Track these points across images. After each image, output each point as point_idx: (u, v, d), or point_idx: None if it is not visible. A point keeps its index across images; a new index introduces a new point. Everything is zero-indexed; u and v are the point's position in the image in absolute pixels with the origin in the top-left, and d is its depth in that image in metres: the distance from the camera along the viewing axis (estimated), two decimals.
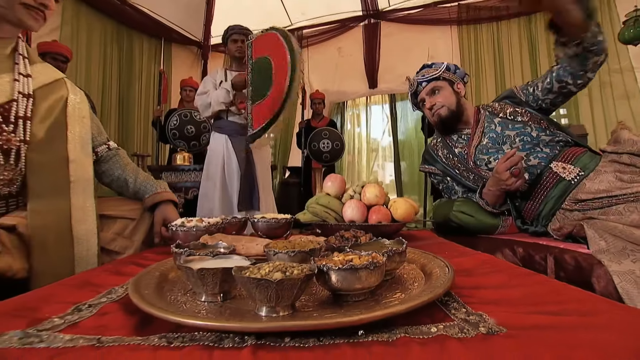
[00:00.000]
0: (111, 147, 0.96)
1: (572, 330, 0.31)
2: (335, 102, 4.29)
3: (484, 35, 3.97)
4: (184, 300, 0.43)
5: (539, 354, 0.27)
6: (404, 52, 4.04)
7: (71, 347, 0.31)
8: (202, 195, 1.79)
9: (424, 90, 1.24)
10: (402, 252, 0.50)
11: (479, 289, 0.46)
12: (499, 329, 0.32)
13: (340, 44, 4.25)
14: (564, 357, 0.27)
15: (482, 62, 3.91)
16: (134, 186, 0.94)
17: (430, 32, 4.03)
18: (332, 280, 0.40)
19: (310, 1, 4.08)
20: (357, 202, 0.85)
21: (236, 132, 1.73)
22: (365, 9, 4.04)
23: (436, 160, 1.26)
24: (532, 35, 3.90)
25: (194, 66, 4.70)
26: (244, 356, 0.28)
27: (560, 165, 1.01)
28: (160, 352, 0.29)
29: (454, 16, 3.99)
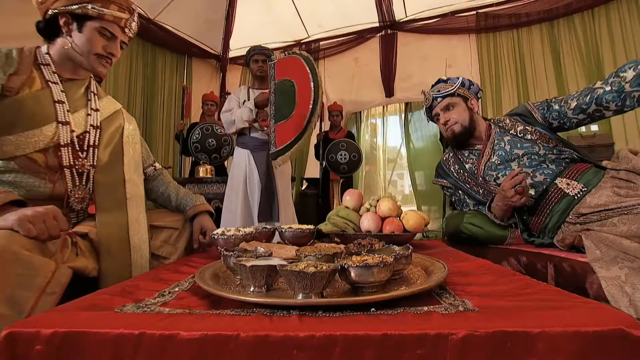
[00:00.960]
0: (157, 168, 1.15)
1: (527, 310, 0.45)
2: (351, 112, 4.46)
3: (504, 43, 4.06)
4: (238, 291, 0.59)
5: (493, 320, 0.42)
6: (420, 60, 4.19)
7: (173, 313, 0.47)
8: (226, 206, 1.98)
9: (438, 105, 1.37)
10: (408, 255, 0.65)
11: (470, 285, 0.60)
12: (473, 308, 0.47)
13: (356, 54, 4.45)
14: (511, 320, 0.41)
15: (502, 70, 4.00)
16: (176, 200, 1.12)
17: (447, 41, 4.16)
18: (351, 275, 0.55)
19: (326, 14, 4.30)
20: (373, 214, 1.00)
21: (258, 147, 1.92)
22: (382, 20, 4.22)
23: (448, 174, 1.39)
24: (555, 40, 3.93)
25: (213, 79, 5.00)
26: (293, 320, 0.44)
27: (565, 182, 1.12)
28: (235, 318, 0.45)
29: (472, 25, 4.11)
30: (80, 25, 0.89)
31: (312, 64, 1.61)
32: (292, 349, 0.39)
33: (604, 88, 1.06)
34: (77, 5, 0.86)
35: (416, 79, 4.17)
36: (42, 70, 0.88)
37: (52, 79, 0.89)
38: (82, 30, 0.89)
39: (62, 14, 0.88)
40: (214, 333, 0.40)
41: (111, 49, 0.93)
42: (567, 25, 3.91)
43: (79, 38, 0.89)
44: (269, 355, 0.39)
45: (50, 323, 0.42)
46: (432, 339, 0.39)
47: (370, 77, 4.32)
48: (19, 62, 0.86)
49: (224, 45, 4.82)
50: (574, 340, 0.39)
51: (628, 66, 1.01)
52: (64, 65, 0.92)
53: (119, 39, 0.94)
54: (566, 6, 3.91)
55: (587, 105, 1.10)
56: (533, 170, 1.17)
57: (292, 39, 4.63)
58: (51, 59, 0.91)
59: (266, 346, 0.39)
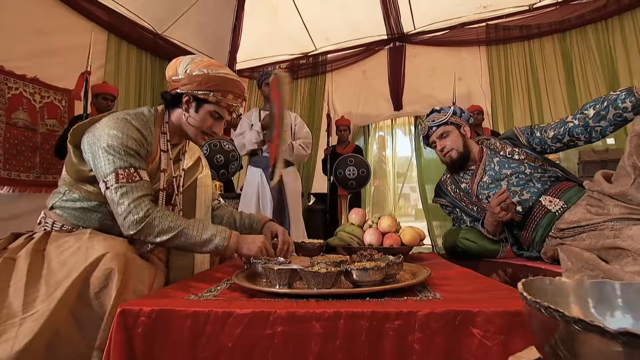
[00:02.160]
0: (221, 202, 1.42)
1: (475, 298, 0.69)
2: (359, 125, 4.73)
3: (515, 55, 4.30)
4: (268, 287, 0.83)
5: (450, 304, 0.66)
6: (429, 73, 4.46)
7: (226, 299, 0.72)
8: None
9: (434, 133, 1.63)
10: (399, 263, 0.89)
11: (445, 285, 0.84)
12: (439, 297, 0.71)
13: (364, 67, 4.75)
14: (462, 304, 0.65)
15: (513, 83, 4.23)
16: (240, 222, 1.36)
17: (457, 53, 4.44)
18: (353, 276, 0.80)
19: (334, 26, 4.63)
20: (375, 230, 1.25)
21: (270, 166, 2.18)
22: (390, 32, 4.53)
23: (446, 194, 1.64)
24: (568, 51, 4.14)
25: None
26: (311, 303, 0.68)
27: (548, 199, 1.36)
28: (271, 302, 0.70)
29: (482, 37, 4.38)
30: (199, 106, 1.13)
31: (280, 82, 1.82)
32: (311, 320, 0.64)
33: (574, 122, 1.31)
34: (202, 92, 1.10)
35: (425, 91, 4.44)
36: (161, 138, 1.14)
37: (164, 148, 1.15)
38: (199, 111, 1.13)
39: (186, 94, 1.12)
40: (259, 310, 0.65)
41: (215, 128, 1.17)
42: (580, 37, 4.11)
43: (194, 116, 1.13)
44: (295, 323, 0.64)
45: (147, 304, 0.68)
46: (406, 315, 0.64)
47: (378, 90, 4.60)
48: (154, 134, 1.11)
49: (230, 58, 5.17)
50: (502, 316, 0.63)
51: (589, 105, 1.27)
52: (174, 133, 1.18)
53: (224, 120, 1.19)
54: (578, 17, 4.13)
55: (562, 136, 1.35)
56: (521, 188, 1.41)
57: (299, 52, 4.96)
58: (168, 127, 1.16)
59: (294, 318, 0.64)
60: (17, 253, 0.96)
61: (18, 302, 0.84)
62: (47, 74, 3.21)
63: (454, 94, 3.85)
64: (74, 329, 0.84)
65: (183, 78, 1.11)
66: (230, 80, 1.14)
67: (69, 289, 0.83)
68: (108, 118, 1.06)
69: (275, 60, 5.07)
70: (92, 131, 1.04)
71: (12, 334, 0.79)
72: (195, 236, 1.01)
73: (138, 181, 1.00)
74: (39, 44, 3.17)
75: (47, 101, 3.26)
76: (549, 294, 0.46)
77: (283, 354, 0.63)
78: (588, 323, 0.34)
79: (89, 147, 1.03)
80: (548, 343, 0.40)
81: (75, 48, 3.40)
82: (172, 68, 1.15)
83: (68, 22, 3.42)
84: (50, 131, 3.24)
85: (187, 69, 1.11)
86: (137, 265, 0.91)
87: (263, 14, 4.68)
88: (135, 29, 4.10)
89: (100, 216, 1.10)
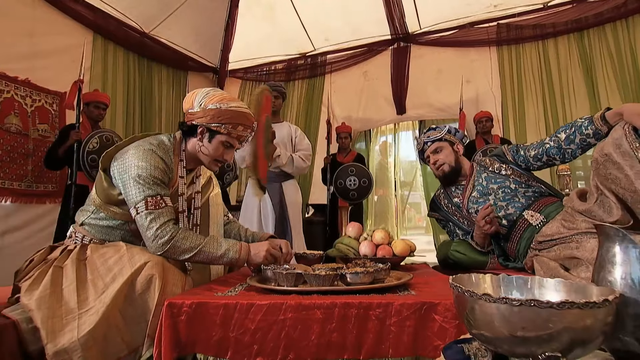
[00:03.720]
0: (230, 217, 1.78)
1: (441, 293, 1.04)
2: (360, 130, 5.09)
3: (528, 56, 4.65)
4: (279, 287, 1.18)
5: (420, 298, 1.01)
6: (435, 75, 4.83)
7: (248, 295, 1.07)
8: None
9: (429, 149, 1.98)
10: (387, 270, 1.24)
11: (424, 286, 1.19)
12: (413, 293, 1.06)
13: (365, 68, 5.13)
14: (428, 297, 1.00)
15: (525, 86, 4.56)
16: (245, 239, 1.72)
17: (465, 54, 4.81)
18: (347, 278, 1.15)
19: (334, 26, 5.01)
20: (369, 242, 1.60)
21: (271, 179, 2.54)
22: (394, 32, 4.91)
23: (440, 208, 1.99)
24: (585, 51, 4.42)
25: None
26: (314, 297, 1.03)
27: (530, 214, 1.71)
28: (283, 297, 1.05)
29: (493, 36, 4.75)
30: (212, 136, 1.46)
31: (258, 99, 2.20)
32: (313, 309, 0.99)
33: (550, 144, 1.67)
34: (215, 124, 1.44)
35: (430, 95, 4.80)
36: (179, 164, 1.49)
37: (181, 174, 1.50)
38: (212, 141, 1.46)
39: (201, 126, 1.47)
40: (274, 302, 1.00)
41: (227, 156, 1.52)
42: (598, 36, 4.41)
43: (208, 145, 1.47)
44: (302, 311, 0.99)
45: (187, 298, 1.03)
46: (384, 305, 0.99)
47: (380, 93, 4.96)
48: (173, 162, 1.45)
49: (222, 58, 5.55)
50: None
51: (561, 129, 1.63)
52: (190, 159, 1.53)
53: (235, 148, 1.55)
54: (596, 15, 4.46)
55: (541, 156, 1.71)
56: (506, 203, 1.77)
57: (297, 52, 5.35)
58: (185, 155, 1.51)
59: (301, 307, 0.99)
60: (63, 262, 1.31)
61: (73, 301, 1.19)
62: (36, 77, 3.57)
63: (461, 99, 4.19)
64: (122, 323, 1.18)
65: (198, 111, 1.46)
66: (241, 113, 1.49)
67: (118, 290, 1.18)
68: (135, 149, 1.40)
69: (271, 60, 5.46)
70: (121, 160, 1.39)
71: (74, 325, 1.14)
72: (212, 252, 1.35)
73: (164, 207, 1.35)
74: (27, 46, 3.53)
75: (39, 105, 3.61)
76: (471, 285, 0.81)
77: (292, 334, 0.98)
78: (479, 294, 0.69)
79: (119, 175, 1.37)
80: (464, 315, 0.75)
81: (62, 50, 3.79)
82: (188, 102, 1.50)
83: (54, 23, 3.80)
84: (42, 137, 3.58)
85: (201, 102, 1.47)
86: (172, 271, 1.27)
87: (259, 13, 5.07)
88: (121, 28, 4.47)
89: (122, 233, 1.45)
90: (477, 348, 0.80)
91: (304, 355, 0.97)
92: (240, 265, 1.46)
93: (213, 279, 1.52)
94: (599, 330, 0.63)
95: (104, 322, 1.15)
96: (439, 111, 4.77)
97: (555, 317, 0.61)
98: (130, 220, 1.40)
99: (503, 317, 0.64)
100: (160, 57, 4.98)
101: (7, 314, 1.16)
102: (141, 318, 1.20)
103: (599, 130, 1.49)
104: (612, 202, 1.37)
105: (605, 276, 0.76)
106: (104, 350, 1.16)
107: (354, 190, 3.90)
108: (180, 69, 5.27)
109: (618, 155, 1.33)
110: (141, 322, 1.20)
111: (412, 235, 6.35)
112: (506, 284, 0.83)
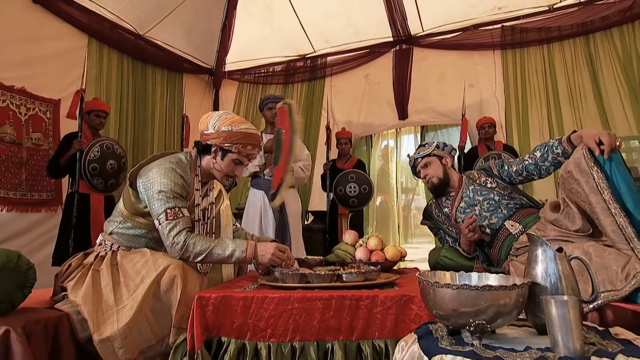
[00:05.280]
0: (237, 226, 2.18)
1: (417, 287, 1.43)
2: (360, 135, 5.48)
3: (532, 60, 5.02)
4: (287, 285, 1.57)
5: (401, 292, 1.40)
6: (438, 79, 5.20)
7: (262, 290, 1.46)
8: None
9: (419, 164, 2.37)
10: (377, 271, 1.63)
11: (407, 285, 1.58)
12: (396, 289, 1.45)
13: (367, 71, 5.51)
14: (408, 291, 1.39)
15: (530, 90, 4.91)
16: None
17: (469, 57, 5.19)
18: (342, 278, 1.54)
19: (334, 28, 5.40)
20: (364, 248, 1.99)
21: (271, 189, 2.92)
22: (396, 34, 5.30)
23: (432, 217, 2.38)
24: (591, 56, 4.77)
25: (205, 95, 6.10)
26: (315, 291, 1.42)
27: (511, 223, 2.10)
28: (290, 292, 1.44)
29: (497, 39, 5.12)
30: (224, 155, 1.86)
31: (291, 111, 2.61)
32: (315, 300, 1.38)
33: (528, 161, 2.06)
34: (227, 144, 1.84)
35: (433, 99, 5.18)
36: (195, 179, 1.89)
37: (197, 187, 1.90)
38: (224, 159, 1.86)
39: (214, 146, 1.87)
40: (283, 295, 1.39)
41: (237, 172, 1.92)
42: (604, 40, 4.77)
43: (220, 163, 1.87)
44: (306, 302, 1.38)
45: (213, 293, 1.42)
46: (372, 297, 1.38)
47: (382, 97, 5.34)
48: (190, 177, 1.85)
49: (218, 59, 5.94)
50: None
51: (537, 148, 2.02)
52: (204, 174, 1.93)
53: (244, 164, 1.94)
54: (603, 19, 4.83)
55: (521, 171, 2.11)
56: (490, 214, 2.15)
57: (296, 54, 5.74)
58: (200, 171, 1.91)
59: (305, 299, 1.38)
60: (99, 266, 1.70)
61: (111, 299, 1.58)
62: (31, 84, 3.91)
63: (463, 105, 4.56)
64: (151, 317, 1.57)
65: (212, 133, 1.85)
66: (250, 134, 1.88)
67: (147, 289, 1.57)
68: (158, 168, 1.79)
69: (269, 62, 5.85)
70: (146, 177, 1.78)
71: (114, 319, 1.52)
72: (221, 253, 1.74)
73: (182, 217, 1.74)
74: (23, 53, 3.88)
75: (32, 113, 3.95)
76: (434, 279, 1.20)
77: (298, 320, 1.37)
78: (431, 281, 1.07)
79: (144, 190, 1.76)
80: (426, 299, 1.13)
81: (57, 55, 4.16)
82: (204, 123, 1.90)
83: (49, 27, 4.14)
84: (35, 145, 3.95)
85: (215, 125, 1.86)
86: (191, 272, 1.66)
87: (257, 14, 5.46)
88: (116, 30, 4.84)
89: (146, 241, 1.84)
90: (438, 326, 1.19)
91: (308, 336, 1.36)
92: (248, 262, 1.82)
93: (225, 279, 1.91)
94: (513, 306, 1.02)
95: (137, 317, 1.54)
96: (441, 116, 5.15)
97: (481, 297, 0.99)
98: (153, 229, 1.79)
99: (448, 298, 1.03)
100: (155, 59, 5.34)
101: (60, 308, 1.55)
102: (166, 312, 1.59)
103: (566, 150, 1.89)
104: (575, 213, 1.76)
105: (530, 271, 1.16)
106: (137, 339, 1.55)
107: (354, 197, 4.28)
108: (175, 70, 5.63)
109: (577, 173, 1.72)
110: (166, 315, 1.59)
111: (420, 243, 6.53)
112: (464, 279, 1.21)
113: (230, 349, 1.37)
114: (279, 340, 1.37)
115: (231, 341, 1.38)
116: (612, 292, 1.41)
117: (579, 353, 0.91)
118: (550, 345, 0.96)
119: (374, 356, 1.36)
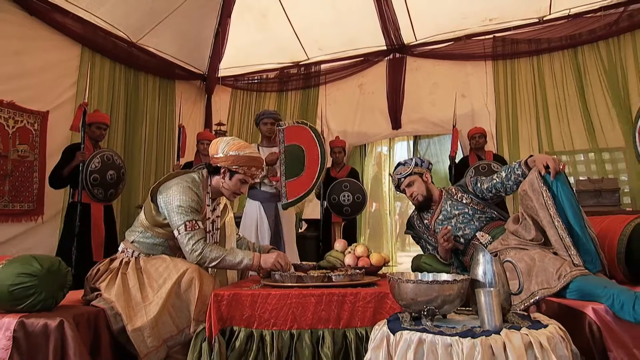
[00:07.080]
0: (240, 236, 2.66)
1: None
2: (355, 144, 5.98)
3: (522, 71, 5.53)
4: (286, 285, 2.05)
5: (380, 289, 1.90)
6: (431, 89, 5.72)
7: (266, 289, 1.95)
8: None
9: (402, 184, 2.86)
10: (361, 274, 2.13)
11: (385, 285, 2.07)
12: (376, 287, 1.94)
13: (361, 80, 6.02)
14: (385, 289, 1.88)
15: (520, 101, 5.41)
16: (253, 249, 2.60)
17: (461, 67, 5.71)
18: (332, 279, 2.03)
19: (328, 36, 5.90)
20: (352, 255, 2.48)
21: (267, 199, 3.41)
22: (389, 43, 5.81)
23: (414, 227, 2.88)
24: (579, 68, 5.25)
25: (197, 101, 6.56)
26: (310, 290, 1.91)
27: (481, 234, 2.59)
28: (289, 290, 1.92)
29: (489, 50, 5.64)
30: (232, 175, 2.34)
31: (318, 134, 3.14)
32: (310, 296, 1.87)
33: (496, 179, 2.56)
34: (235, 166, 2.32)
35: (426, 109, 5.69)
36: (206, 196, 2.36)
37: (208, 203, 2.38)
38: (232, 179, 2.35)
39: (223, 168, 2.34)
40: (283, 292, 1.88)
41: (242, 190, 2.41)
42: (592, 52, 5.26)
43: (229, 182, 2.35)
44: (301, 298, 1.87)
45: (227, 291, 1.90)
46: (355, 293, 1.87)
47: (376, 106, 5.84)
48: (202, 195, 2.34)
49: (210, 65, 6.41)
50: None
51: (503, 169, 2.53)
52: (214, 192, 2.41)
53: (249, 184, 2.43)
54: (590, 32, 5.33)
55: (491, 188, 2.61)
56: (464, 226, 2.65)
57: (290, 61, 6.24)
58: (210, 189, 2.39)
59: (302, 295, 1.87)
60: (125, 270, 2.18)
61: (139, 297, 2.05)
62: (20, 96, 4.26)
63: (454, 115, 5.04)
64: (173, 312, 2.05)
65: (221, 157, 2.34)
66: (254, 158, 2.37)
67: (169, 289, 2.04)
68: (177, 186, 2.27)
69: (263, 68, 6.34)
70: (166, 194, 2.26)
71: (143, 313, 2.00)
72: (232, 260, 2.22)
73: (198, 229, 2.22)
74: (13, 65, 4.23)
75: (20, 125, 4.31)
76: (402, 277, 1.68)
77: (296, 312, 1.85)
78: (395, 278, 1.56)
79: (164, 204, 2.24)
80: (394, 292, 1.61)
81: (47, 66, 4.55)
82: (214, 148, 2.38)
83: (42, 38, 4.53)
84: (21, 157, 4.29)
85: (224, 150, 2.34)
86: (206, 276, 2.14)
87: (250, 19, 5.94)
88: (109, 39, 5.28)
89: (163, 249, 2.32)
90: (404, 315, 1.67)
91: (304, 325, 1.85)
92: (253, 269, 2.31)
93: (230, 281, 2.40)
94: (456, 295, 1.51)
95: (162, 311, 2.01)
96: (434, 126, 5.66)
97: (432, 289, 1.48)
98: (170, 238, 2.27)
99: (409, 290, 1.52)
100: (147, 67, 5.79)
101: (96, 304, 2.03)
102: (185, 308, 2.07)
103: (524, 171, 2.39)
104: (530, 225, 2.27)
105: (473, 271, 1.65)
106: (162, 329, 2.02)
107: (347, 206, 4.75)
108: (167, 77, 6.08)
109: (531, 191, 2.23)
110: (185, 311, 2.07)
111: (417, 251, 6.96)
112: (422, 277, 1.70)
113: (240, 335, 1.85)
114: (280, 328, 1.85)
115: (241, 329, 1.87)
116: (547, 289, 1.90)
117: (498, 328, 1.40)
118: (480, 324, 1.45)
119: (356, 341, 1.84)
